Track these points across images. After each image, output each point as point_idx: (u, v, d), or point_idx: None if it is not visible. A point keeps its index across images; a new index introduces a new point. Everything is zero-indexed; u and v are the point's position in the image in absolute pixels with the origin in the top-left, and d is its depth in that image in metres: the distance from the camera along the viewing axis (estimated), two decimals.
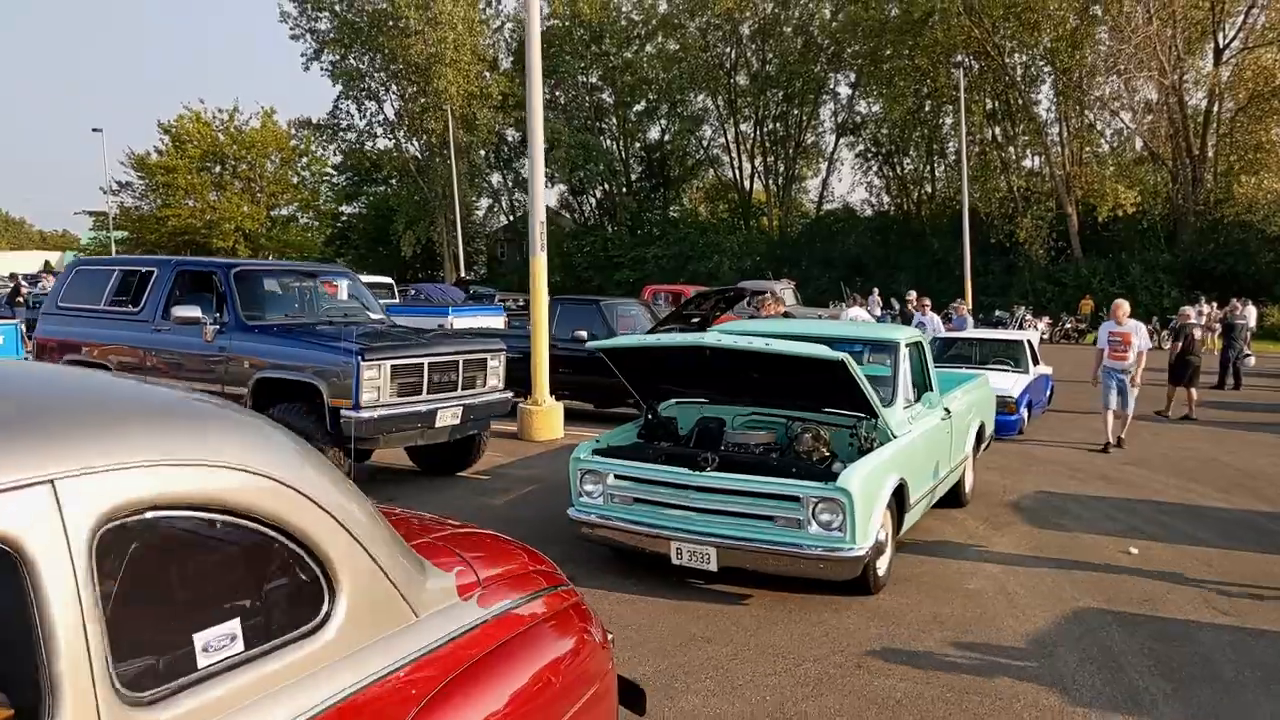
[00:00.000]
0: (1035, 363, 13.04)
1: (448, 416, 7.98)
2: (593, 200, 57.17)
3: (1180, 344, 14.37)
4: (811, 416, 6.53)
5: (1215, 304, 28.59)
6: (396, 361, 7.56)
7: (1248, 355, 17.97)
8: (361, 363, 7.27)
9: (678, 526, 5.78)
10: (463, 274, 39.52)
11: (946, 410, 7.41)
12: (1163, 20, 35.96)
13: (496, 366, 8.62)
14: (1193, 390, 14.28)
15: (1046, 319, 31.03)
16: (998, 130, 44.70)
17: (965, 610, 5.72)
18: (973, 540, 7.29)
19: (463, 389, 8.22)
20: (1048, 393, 13.98)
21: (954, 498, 8.06)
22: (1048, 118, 43.26)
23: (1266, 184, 36.63)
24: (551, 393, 11.30)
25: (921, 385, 7.28)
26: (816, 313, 18.79)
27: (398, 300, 19.63)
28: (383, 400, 7.44)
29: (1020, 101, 42.18)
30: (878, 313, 29.83)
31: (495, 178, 58.33)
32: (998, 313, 30.45)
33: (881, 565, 5.95)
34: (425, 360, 7.81)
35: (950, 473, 7.53)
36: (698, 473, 5.74)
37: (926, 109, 44.30)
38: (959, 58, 32.95)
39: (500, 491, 8.58)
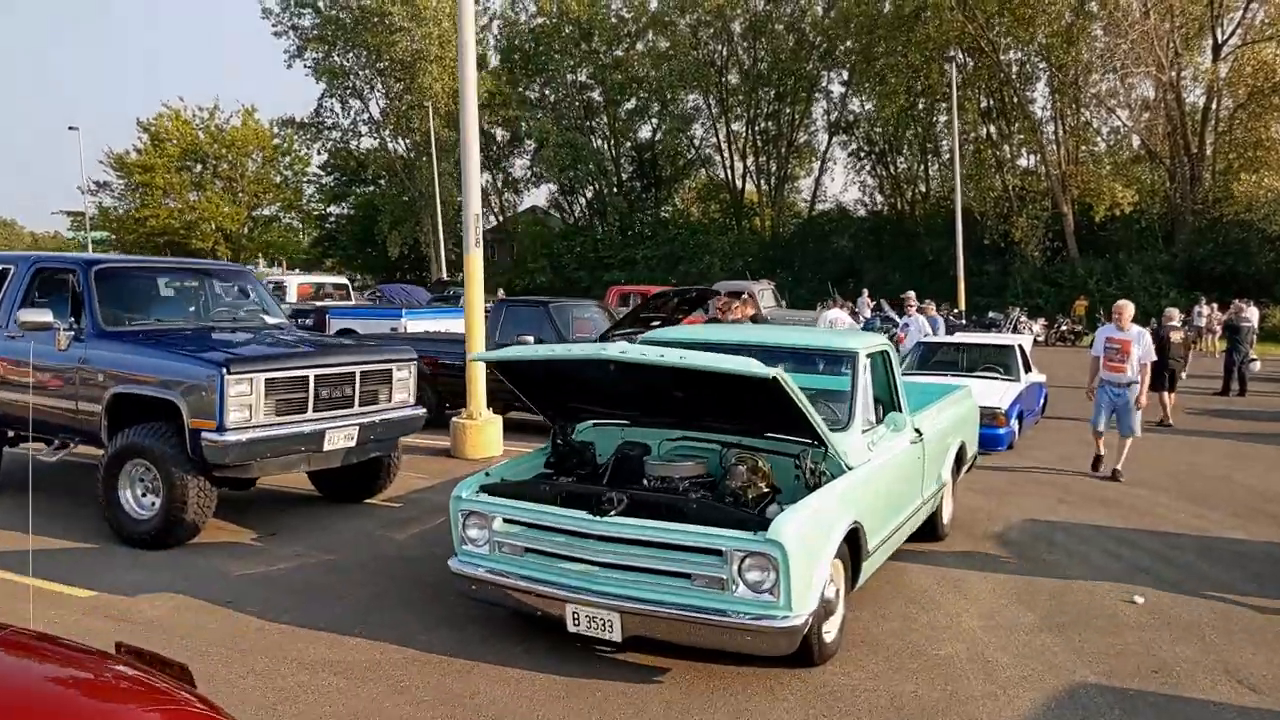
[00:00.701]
0: (1027, 370, 11.87)
1: (340, 438, 6.81)
2: (583, 200, 55.98)
3: (1160, 349, 13.37)
4: (752, 443, 5.35)
5: (1215, 305, 27.40)
6: (273, 374, 6.38)
7: (1253, 360, 16.79)
8: (227, 376, 6.09)
9: (576, 585, 4.61)
10: (443, 275, 38.35)
11: (918, 432, 6.24)
12: (1160, 14, 34.78)
13: (405, 379, 7.45)
14: (1169, 396, 13.46)
15: (1042, 321, 29.87)
16: (992, 129, 43.55)
17: (932, 688, 4.55)
18: (948, 587, 6.11)
19: (361, 405, 7.05)
20: (1041, 402, 12.82)
21: (929, 529, 6.89)
22: (1043, 115, 42.14)
23: (1267, 182, 35.46)
24: (493, 405, 10.15)
25: (887, 403, 6.11)
26: (799, 316, 17.62)
27: (352, 302, 18.43)
28: (256, 420, 6.26)
29: (1015, 99, 41.01)
30: (868, 314, 28.73)
31: (484, 177, 57.14)
32: (991, 314, 29.25)
33: (830, 629, 4.78)
34: (311, 373, 6.63)
35: (923, 505, 6.36)
36: (598, 518, 4.57)
37: (920, 107, 43.13)
38: (951, 53, 31.76)
39: (406, 523, 7.40)
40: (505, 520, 4.89)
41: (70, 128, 39.22)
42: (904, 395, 6.24)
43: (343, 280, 20.04)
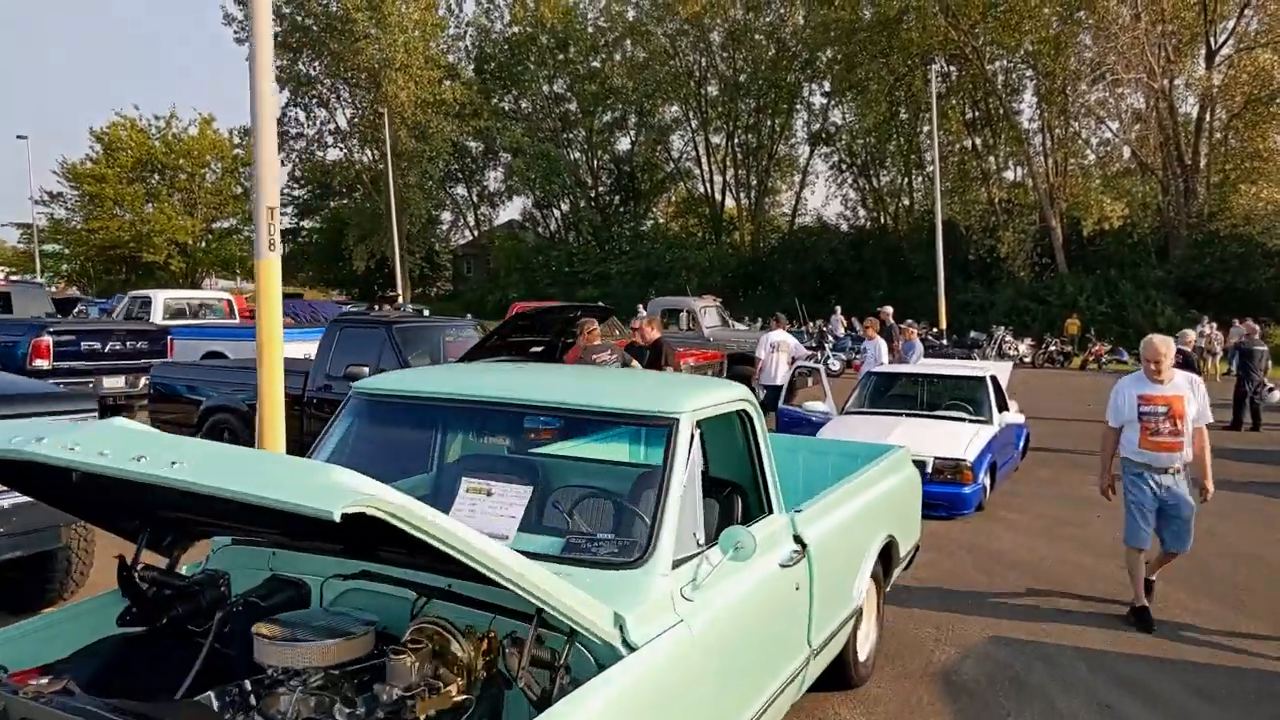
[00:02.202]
0: (1002, 408, 9.39)
1: None
2: (558, 214, 53.70)
3: None
4: (463, 587, 2.86)
5: (1214, 324, 24.98)
6: None
7: (1272, 389, 14.30)
8: None
9: None
10: (397, 291, 35.96)
11: (800, 545, 3.75)
12: (1151, 19, 32.49)
13: None
14: None
15: (1029, 341, 27.41)
16: (977, 140, 41.27)
17: None
18: None
19: None
20: (1020, 448, 10.33)
21: (837, 673, 4.41)
22: (1030, 127, 39.86)
23: (1265, 194, 33.16)
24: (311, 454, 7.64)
25: (754, 494, 3.66)
26: (746, 337, 15.16)
27: (236, 321, 15.91)
28: None
29: (1001, 109, 38.72)
30: (840, 333, 26.27)
31: (460, 190, 54.91)
32: (973, 334, 26.81)
33: None
34: None
35: (809, 661, 3.85)
36: None
37: (902, 116, 40.83)
38: (933, 59, 29.51)
39: None
40: None
41: (19, 136, 36.92)
42: (774, 483, 3.75)
43: (223, 295, 17.58)
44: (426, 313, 35.17)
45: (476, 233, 55.25)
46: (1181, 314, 31.66)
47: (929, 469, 8.08)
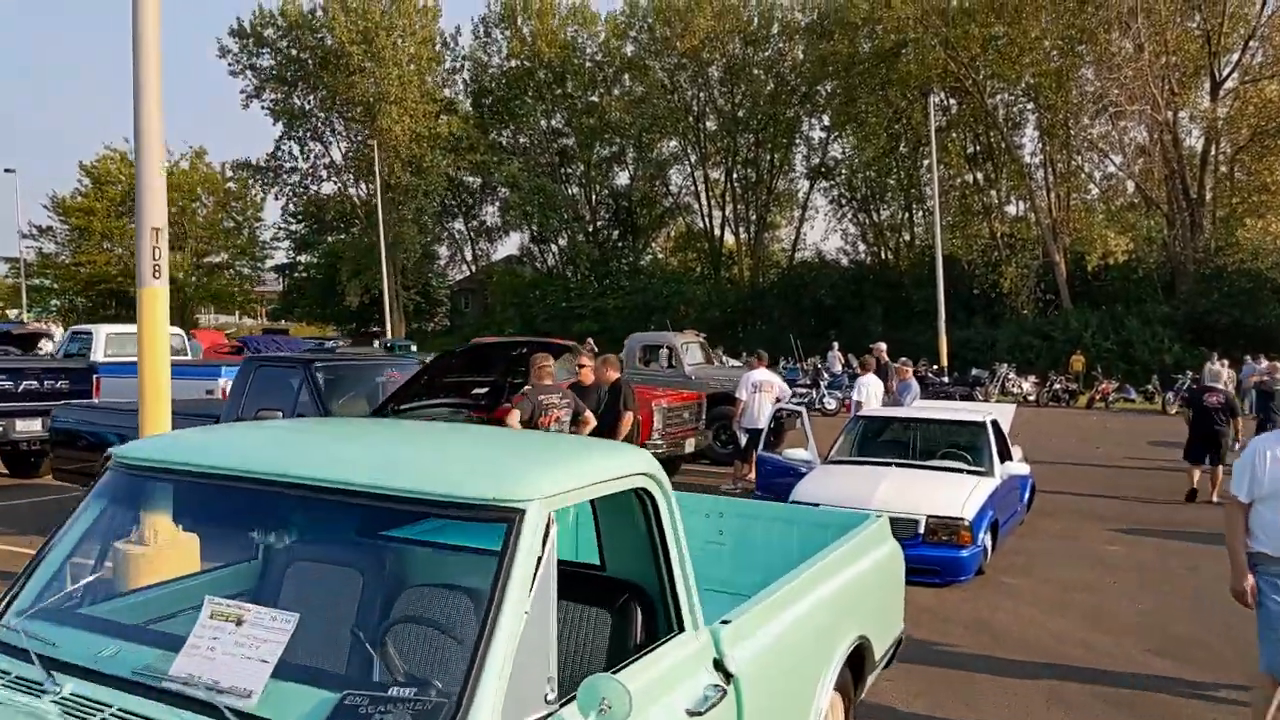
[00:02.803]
0: (1004, 457, 8.34)
1: None
2: (555, 249, 52.93)
3: (1198, 413, 11.23)
4: None
5: (1225, 362, 23.86)
6: None
7: None
8: None
9: None
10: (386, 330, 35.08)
11: (724, 675, 2.70)
12: (1154, 52, 31.74)
13: None
14: (1219, 470, 10.82)
15: (1033, 378, 26.33)
16: (979, 175, 40.46)
17: None
18: None
19: None
20: (1025, 500, 9.25)
21: None
22: (1032, 161, 39.04)
23: (1274, 229, 32.22)
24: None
25: (662, 607, 2.66)
26: (733, 374, 14.14)
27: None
28: None
29: (1002, 143, 37.93)
30: (838, 369, 25.24)
31: (458, 225, 54.22)
32: (975, 372, 25.73)
33: None
34: None
35: None
36: None
37: (902, 149, 40.06)
38: (931, 89, 28.72)
39: None
40: None
41: (7, 170, 36.44)
42: (687, 588, 2.72)
43: (177, 331, 16.58)
44: (414, 348, 34.30)
45: (474, 268, 54.47)
46: (1189, 350, 30.59)
47: (921, 529, 7.04)
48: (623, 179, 51.15)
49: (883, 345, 14.25)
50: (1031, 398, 25.32)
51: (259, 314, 65.30)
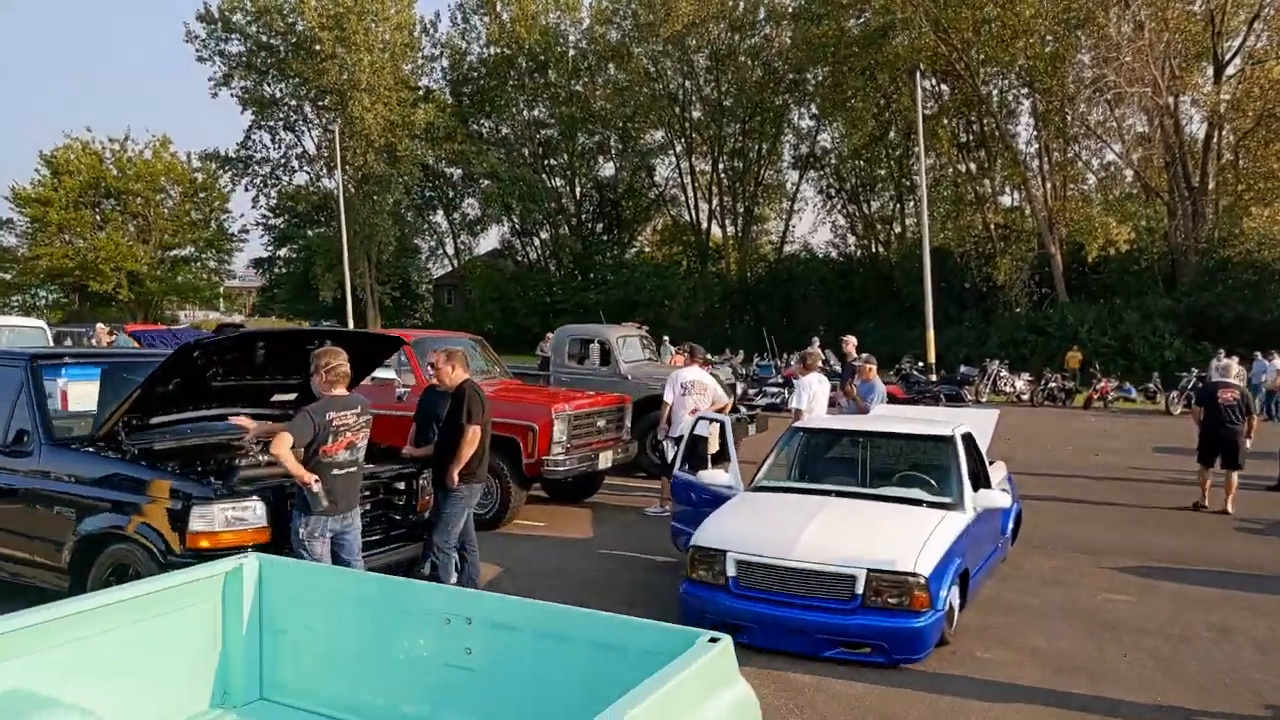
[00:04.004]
0: (979, 482, 6.38)
1: None
2: (538, 242, 51.04)
3: (1210, 412, 9.72)
4: None
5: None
6: None
7: None
8: None
9: None
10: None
11: None
12: (1155, 30, 29.69)
13: None
14: (1234, 476, 9.73)
15: (1026, 376, 24.34)
16: (972, 164, 38.44)
17: None
18: None
19: None
20: (1009, 533, 7.29)
21: None
22: (1027, 150, 37.04)
23: None
24: None
25: None
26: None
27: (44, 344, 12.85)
28: None
29: (996, 129, 35.89)
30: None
31: (440, 219, 52.23)
32: (963, 369, 23.68)
33: None
34: None
35: None
36: None
37: (892, 136, 38.01)
38: (917, 65, 26.61)
39: None
40: None
41: None
42: None
43: (36, 323, 14.61)
44: None
45: (457, 262, 52.51)
46: (1191, 346, 28.64)
47: (860, 587, 5.10)
48: (607, 170, 49.27)
49: (852, 338, 12.30)
50: (1025, 397, 23.34)
51: (245, 308, 63.39)
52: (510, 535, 8.15)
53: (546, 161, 48.67)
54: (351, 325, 35.43)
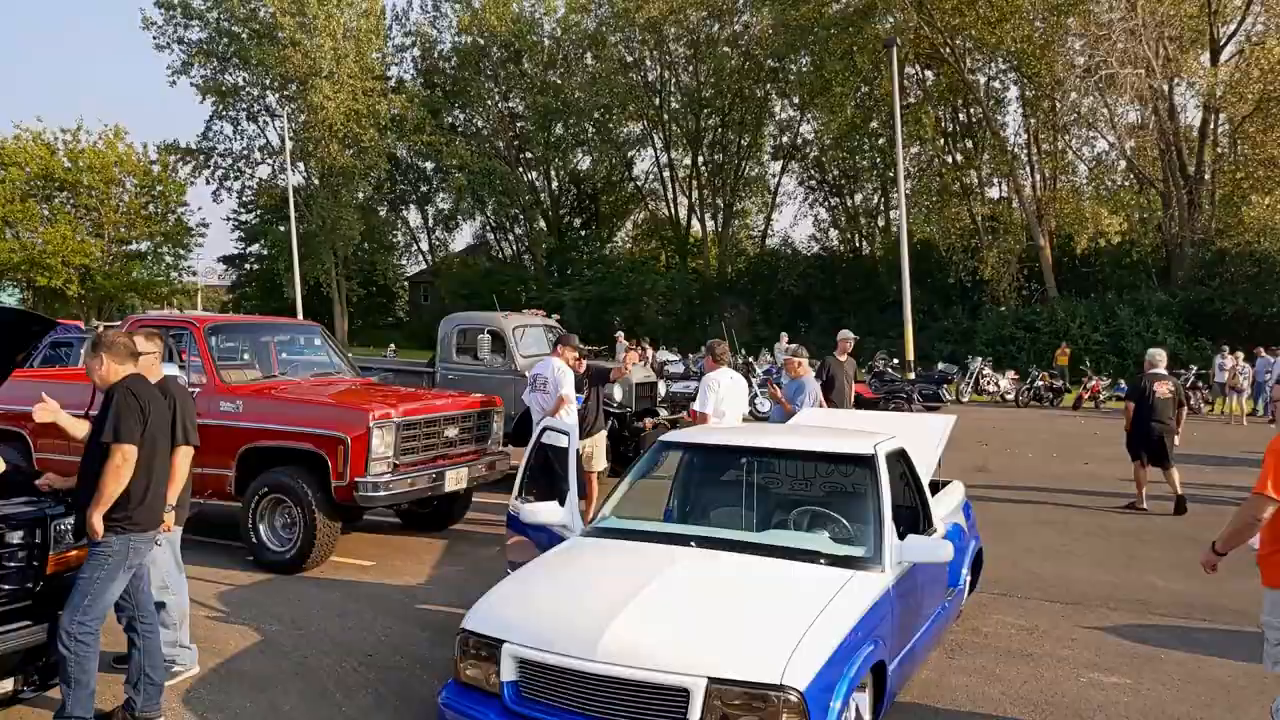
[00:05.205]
0: (919, 522, 4.41)
1: None
2: (512, 238, 49.10)
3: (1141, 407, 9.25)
4: None
5: (1238, 354, 19.91)
6: None
7: None
8: None
9: None
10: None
11: None
12: (1148, 7, 27.70)
13: None
14: (1173, 473, 9.16)
15: (1011, 374, 22.38)
16: (958, 154, 36.47)
17: None
18: None
19: None
20: (962, 584, 5.30)
21: None
22: (1016, 140, 35.08)
23: None
24: None
25: None
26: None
27: None
28: None
29: (982, 116, 33.94)
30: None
31: (412, 213, 50.26)
32: (941, 367, 21.64)
33: None
34: None
35: None
36: None
37: (874, 124, 36.02)
38: (895, 41, 24.55)
39: None
40: None
41: None
42: None
43: None
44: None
45: (431, 259, 50.53)
46: (1188, 342, 26.71)
47: (693, 710, 3.12)
48: (585, 164, 47.26)
49: (849, 336, 10.19)
50: (1009, 396, 21.40)
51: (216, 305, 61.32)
52: (314, 581, 6.18)
53: (523, 154, 46.73)
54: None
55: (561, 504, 4.68)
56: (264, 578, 6.21)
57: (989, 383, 21.79)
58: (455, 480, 6.72)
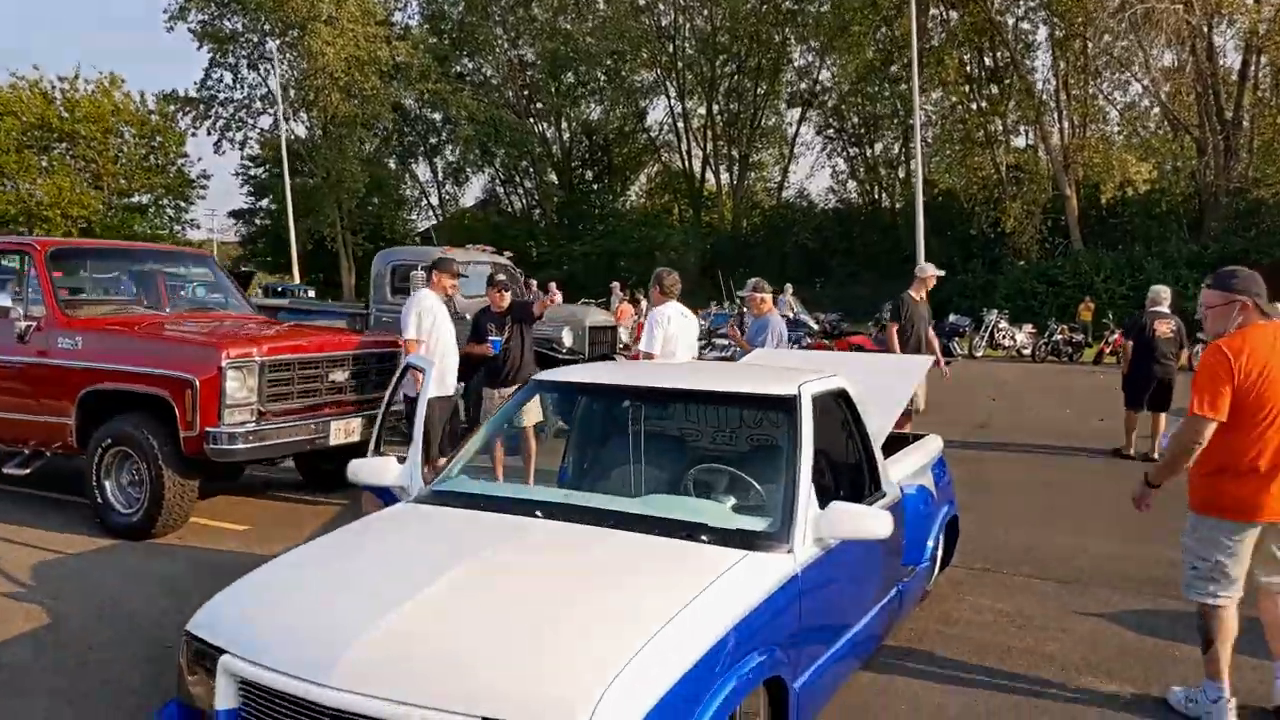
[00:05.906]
0: (868, 485, 3.33)
1: None
2: (522, 191, 47.82)
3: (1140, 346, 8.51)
4: None
5: (1276, 305, 18.46)
6: None
7: None
8: None
9: None
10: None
11: None
12: None
13: None
14: (1162, 417, 8.33)
15: (1028, 328, 21.02)
16: (982, 101, 34.64)
17: None
18: None
19: None
20: (927, 562, 4.21)
21: None
22: (1045, 87, 33.18)
23: None
24: None
25: None
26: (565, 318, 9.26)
27: None
28: None
29: (1009, 59, 32.10)
30: (790, 314, 20.16)
31: (421, 167, 49.02)
32: (953, 319, 20.32)
33: None
34: None
35: None
36: None
37: (894, 69, 34.29)
38: None
39: None
40: None
41: None
42: None
43: None
44: (311, 294, 29.44)
45: (442, 214, 49.34)
46: None
47: None
48: (596, 114, 45.71)
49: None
50: (1026, 351, 20.09)
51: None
52: (165, 549, 5.22)
53: (533, 104, 45.26)
54: (297, 279, 32.80)
55: (399, 462, 3.64)
56: (107, 544, 5.26)
57: (1005, 336, 20.49)
58: (344, 432, 5.70)
